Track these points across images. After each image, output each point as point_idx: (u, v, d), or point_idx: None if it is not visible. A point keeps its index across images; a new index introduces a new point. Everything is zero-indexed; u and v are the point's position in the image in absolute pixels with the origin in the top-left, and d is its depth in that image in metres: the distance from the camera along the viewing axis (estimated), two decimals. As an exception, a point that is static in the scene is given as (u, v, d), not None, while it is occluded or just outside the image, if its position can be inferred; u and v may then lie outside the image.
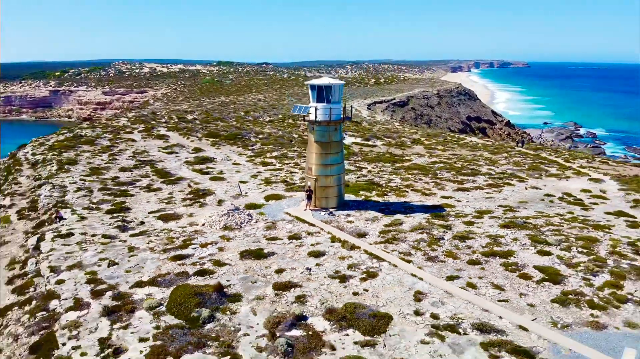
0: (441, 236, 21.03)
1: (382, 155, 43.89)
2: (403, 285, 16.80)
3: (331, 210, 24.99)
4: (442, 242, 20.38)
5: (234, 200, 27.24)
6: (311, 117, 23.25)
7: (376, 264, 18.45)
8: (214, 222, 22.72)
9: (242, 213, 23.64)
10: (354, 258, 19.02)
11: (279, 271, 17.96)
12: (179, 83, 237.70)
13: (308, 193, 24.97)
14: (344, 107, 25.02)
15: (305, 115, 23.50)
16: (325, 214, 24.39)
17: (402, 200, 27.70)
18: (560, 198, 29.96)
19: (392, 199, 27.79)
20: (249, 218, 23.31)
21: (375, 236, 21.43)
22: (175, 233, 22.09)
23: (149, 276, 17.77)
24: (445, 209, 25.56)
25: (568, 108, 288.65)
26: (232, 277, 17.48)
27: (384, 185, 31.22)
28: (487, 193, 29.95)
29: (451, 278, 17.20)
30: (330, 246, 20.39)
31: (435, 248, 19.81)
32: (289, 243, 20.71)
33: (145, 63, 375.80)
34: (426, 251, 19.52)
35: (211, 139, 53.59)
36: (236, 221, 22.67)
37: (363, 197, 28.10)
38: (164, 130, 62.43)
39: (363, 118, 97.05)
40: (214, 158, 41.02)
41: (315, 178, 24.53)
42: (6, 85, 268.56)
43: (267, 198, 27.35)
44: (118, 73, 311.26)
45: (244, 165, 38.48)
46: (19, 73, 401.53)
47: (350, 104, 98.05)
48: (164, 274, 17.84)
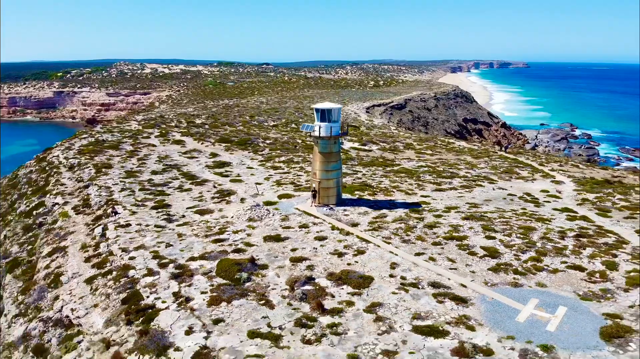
0: (415, 225, 27.83)
1: (376, 160, 50.72)
2: (383, 258, 23.59)
3: (331, 206, 31.76)
4: (415, 230, 27.19)
5: (253, 198, 34.04)
6: (316, 134, 30.02)
7: (365, 245, 25.23)
8: (240, 215, 29.50)
9: (262, 208, 30.42)
10: (348, 241, 25.81)
11: (293, 249, 24.74)
12: (182, 85, 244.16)
13: (313, 192, 31.75)
14: (342, 125, 31.71)
15: (312, 132, 30.29)
16: (326, 209, 31.17)
17: (389, 198, 34.51)
18: (520, 197, 36.75)
19: (381, 197, 34.61)
20: (267, 212, 30.09)
21: (365, 225, 28.23)
22: (211, 224, 28.88)
23: (198, 253, 24.54)
24: (421, 205, 32.40)
25: (565, 109, 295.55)
26: (260, 253, 24.25)
27: (375, 186, 38.04)
28: (459, 193, 36.75)
29: (418, 254, 23.99)
30: (331, 232, 27.19)
31: (409, 234, 26.61)
32: (300, 231, 27.50)
33: (146, 63, 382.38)
34: (402, 236, 26.31)
35: (224, 144, 60.30)
36: (258, 214, 29.44)
37: (357, 196, 34.92)
38: (178, 136, 69.08)
39: (361, 123, 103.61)
40: (230, 162, 47.80)
41: (319, 181, 31.30)
42: (10, 86, 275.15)
43: (280, 197, 34.19)
44: (120, 74, 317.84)
45: (256, 169, 45.28)
46: (20, 73, 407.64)
47: (348, 122, 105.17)
48: (209, 252, 24.61)
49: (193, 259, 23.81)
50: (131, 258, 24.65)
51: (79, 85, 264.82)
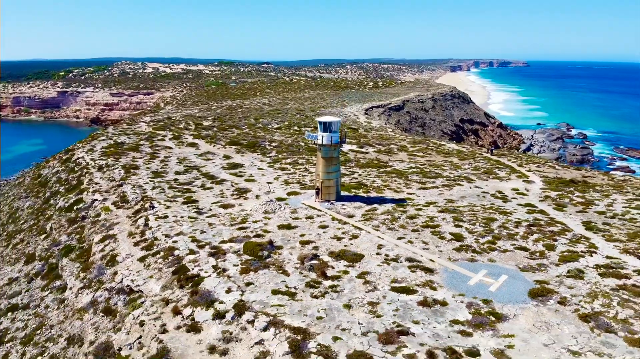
0: (399, 216, 34.81)
1: (371, 162, 57.68)
2: (372, 241, 30.56)
3: (332, 201, 38.69)
4: (399, 220, 34.16)
5: (266, 195, 40.99)
6: (319, 142, 36.93)
7: (358, 231, 32.19)
8: (257, 209, 36.46)
9: (275, 203, 37.37)
10: (345, 229, 32.79)
11: (302, 235, 31.71)
12: (184, 85, 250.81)
13: (317, 190, 38.68)
14: (340, 134, 38.62)
15: (315, 141, 37.20)
16: (328, 204, 38.12)
17: (380, 195, 41.49)
18: (492, 195, 43.73)
19: (373, 195, 41.58)
20: (279, 206, 37.04)
21: (359, 216, 35.20)
22: (234, 215, 35.84)
23: (227, 237, 31.50)
24: (406, 201, 39.38)
25: (562, 109, 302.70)
26: (275, 238, 31.21)
27: (369, 185, 45.03)
28: (440, 191, 43.73)
29: (400, 238, 30.97)
30: (331, 222, 34.15)
31: (394, 223, 33.59)
32: (306, 221, 34.46)
33: (147, 63, 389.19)
34: (388, 225, 33.29)
35: (234, 147, 67.23)
36: (271, 208, 36.39)
37: (353, 193, 41.87)
38: (190, 138, 75.93)
39: (360, 125, 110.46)
40: (242, 164, 54.74)
41: (322, 180, 38.22)
42: (14, 85, 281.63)
43: (289, 194, 41.14)
44: (122, 73, 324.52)
45: (266, 169, 52.23)
46: (22, 72, 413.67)
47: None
48: (236, 236, 31.57)
49: (224, 242, 30.77)
50: (174, 242, 31.61)
51: (82, 85, 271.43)
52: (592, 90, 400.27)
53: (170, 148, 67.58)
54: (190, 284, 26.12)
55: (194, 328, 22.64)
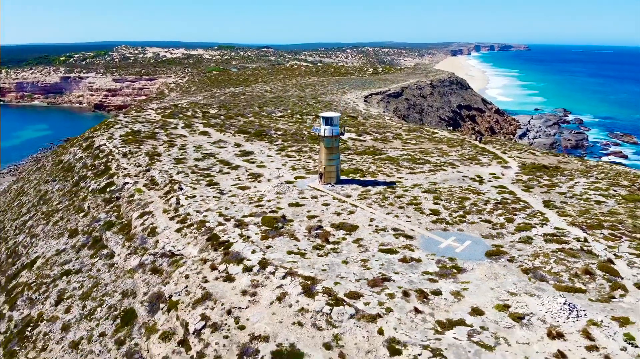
0: (388, 196, 42.40)
1: (368, 149, 65.08)
2: (365, 216, 38.17)
3: (333, 184, 46.17)
4: (388, 199, 41.75)
5: (277, 179, 48.50)
6: (322, 134, 44.28)
7: (354, 209, 39.79)
8: (270, 190, 44.00)
9: (284, 185, 44.90)
10: (343, 206, 40.37)
11: (308, 211, 39.31)
12: (186, 71, 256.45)
13: (320, 174, 46.15)
14: (340, 128, 45.93)
15: (319, 133, 44.54)
16: (329, 186, 45.63)
17: (374, 179, 49.01)
18: (471, 178, 51.23)
19: (368, 178, 49.09)
20: (288, 188, 44.58)
21: (355, 196, 42.77)
22: (251, 196, 43.40)
23: (247, 213, 39.07)
24: (396, 184, 46.92)
25: (561, 94, 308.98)
26: (287, 213, 38.79)
27: (364, 170, 52.53)
28: (426, 176, 51.25)
29: (388, 214, 38.59)
30: (332, 201, 41.72)
31: (384, 202, 41.18)
32: (312, 200, 42.03)
33: (147, 47, 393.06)
34: (379, 203, 40.88)
35: (243, 135, 74.48)
36: (282, 190, 43.93)
37: (351, 177, 49.37)
38: (201, 127, 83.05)
39: (359, 112, 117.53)
40: (252, 151, 62.11)
41: (324, 166, 45.67)
42: (17, 71, 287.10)
43: (296, 178, 48.64)
44: (123, 58, 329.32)
45: (274, 156, 59.63)
46: (22, 56, 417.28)
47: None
48: (254, 212, 39.15)
49: (245, 216, 38.37)
50: (204, 216, 39.21)
51: (84, 71, 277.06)
52: (592, 74, 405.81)
53: (185, 136, 74.83)
54: (222, 248, 33.79)
55: (229, 278, 30.37)
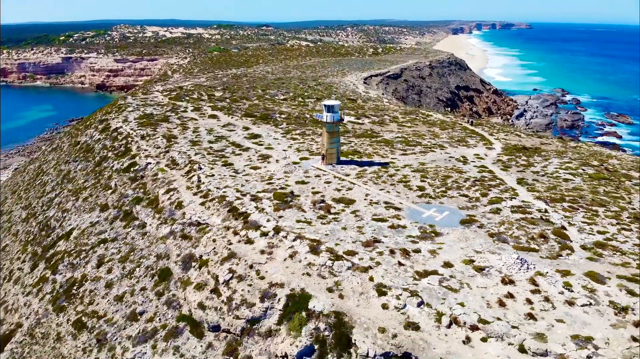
0: (382, 175, 49.48)
1: (365, 132, 71.91)
2: (362, 192, 45.34)
3: (333, 164, 53.20)
4: (382, 177, 48.85)
5: (284, 160, 55.50)
6: (324, 120, 51.10)
7: (352, 185, 46.93)
8: (279, 170, 51.08)
9: (291, 165, 51.95)
10: (343, 184, 47.49)
11: (313, 188, 46.45)
12: (187, 51, 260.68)
13: (322, 156, 53.14)
14: (340, 114, 52.71)
15: (322, 119, 51.36)
16: (331, 166, 52.67)
17: (370, 160, 56.04)
18: (457, 159, 58.20)
19: (365, 159, 56.12)
20: (295, 168, 51.62)
21: (353, 175, 49.85)
22: (262, 174, 50.48)
23: (261, 189, 46.22)
24: (389, 164, 53.97)
25: (560, 74, 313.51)
26: (294, 189, 45.94)
27: (362, 152, 59.50)
28: (416, 157, 58.26)
29: (381, 190, 45.75)
30: (333, 179, 48.83)
31: (378, 179, 48.29)
32: (315, 178, 49.12)
33: (146, 26, 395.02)
34: (374, 180, 48.01)
35: (250, 119, 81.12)
36: (289, 169, 50.99)
37: (350, 158, 56.38)
38: (210, 110, 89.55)
39: (359, 95, 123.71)
40: (260, 134, 68.94)
41: (326, 149, 52.62)
42: (18, 51, 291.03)
43: (301, 159, 55.66)
44: (123, 38, 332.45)
45: (280, 139, 66.50)
46: (20, 36, 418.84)
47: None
48: (266, 189, 46.30)
49: (258, 192, 45.52)
50: (224, 192, 46.34)
51: (85, 51, 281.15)
52: (592, 54, 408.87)
53: (195, 119, 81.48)
54: (241, 217, 41.01)
55: (249, 241, 37.67)
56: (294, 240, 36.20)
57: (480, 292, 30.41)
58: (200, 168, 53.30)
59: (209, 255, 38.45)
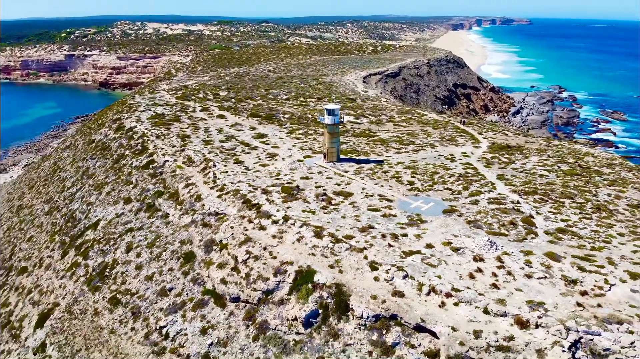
0: (377, 171, 56.63)
1: (363, 132, 78.99)
2: (359, 186, 52.52)
3: (334, 162, 60.31)
4: (377, 173, 56.00)
5: (289, 157, 62.60)
6: (325, 122, 58.18)
7: (350, 181, 54.08)
8: (285, 167, 58.22)
9: (296, 163, 59.07)
10: (342, 179, 54.64)
11: (316, 182, 53.61)
12: (189, 48, 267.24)
13: (324, 154, 60.26)
14: (340, 117, 59.74)
15: (323, 122, 58.43)
16: (331, 164, 59.81)
17: (366, 157, 63.17)
18: (445, 157, 65.30)
19: (362, 157, 63.25)
20: (299, 165, 58.73)
21: (351, 171, 57.01)
22: (271, 171, 57.59)
23: (270, 184, 53.36)
24: (384, 161, 61.10)
25: (559, 70, 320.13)
26: (299, 184, 53.09)
27: (360, 150, 66.62)
28: (409, 155, 65.37)
29: (376, 184, 52.93)
30: (334, 175, 55.97)
31: (373, 175, 55.44)
32: (318, 174, 56.27)
33: (147, 22, 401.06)
34: (370, 176, 55.17)
35: (255, 119, 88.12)
36: (294, 166, 58.12)
37: (349, 156, 63.50)
38: (217, 110, 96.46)
39: (358, 94, 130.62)
40: (266, 134, 76.00)
41: (327, 148, 59.73)
42: (21, 49, 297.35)
43: (305, 157, 62.78)
44: (124, 34, 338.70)
45: (285, 138, 73.58)
46: (21, 32, 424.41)
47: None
48: (275, 183, 53.46)
49: (268, 186, 52.65)
50: (237, 186, 53.45)
51: (87, 48, 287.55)
52: (592, 50, 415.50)
53: (205, 119, 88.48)
54: (254, 208, 48.16)
55: (262, 228, 44.83)
56: (300, 227, 43.32)
57: (454, 267, 37.56)
58: (215, 165, 60.39)
59: (227, 239, 45.61)
